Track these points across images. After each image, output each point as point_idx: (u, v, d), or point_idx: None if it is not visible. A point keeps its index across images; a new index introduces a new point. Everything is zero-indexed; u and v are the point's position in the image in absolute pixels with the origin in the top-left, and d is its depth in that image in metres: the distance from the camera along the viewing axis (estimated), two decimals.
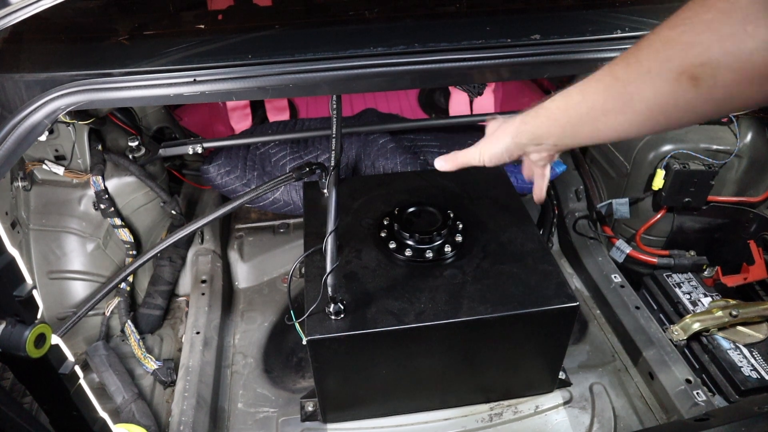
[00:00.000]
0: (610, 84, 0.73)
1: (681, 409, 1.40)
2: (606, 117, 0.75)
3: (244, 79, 1.22)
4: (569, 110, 0.80)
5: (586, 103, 0.77)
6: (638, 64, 0.69)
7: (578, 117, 0.79)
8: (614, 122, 0.75)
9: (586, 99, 0.77)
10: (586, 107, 0.77)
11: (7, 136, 1.14)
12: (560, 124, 0.82)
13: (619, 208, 1.91)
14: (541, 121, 0.86)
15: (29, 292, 0.79)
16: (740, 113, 1.71)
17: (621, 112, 0.73)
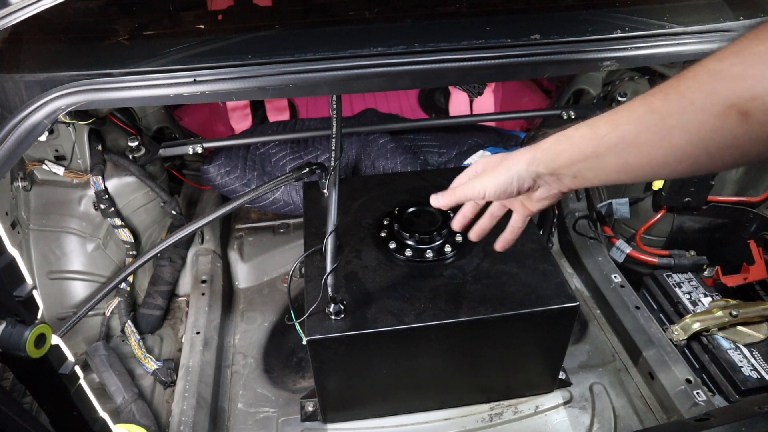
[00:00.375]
0: (645, 115, 0.67)
1: (681, 409, 1.40)
2: (638, 149, 0.68)
3: (244, 79, 1.23)
4: (596, 140, 0.73)
5: (617, 133, 0.70)
6: (679, 96, 0.63)
7: (606, 147, 0.71)
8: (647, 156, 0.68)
9: (617, 129, 0.70)
10: (616, 137, 0.70)
11: (7, 136, 1.14)
12: (585, 153, 0.74)
13: (619, 208, 1.91)
14: (563, 148, 0.78)
15: (29, 292, 0.79)
16: None
17: (657, 146, 0.66)
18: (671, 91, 0.65)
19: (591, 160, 0.74)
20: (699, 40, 1.36)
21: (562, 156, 0.78)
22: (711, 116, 0.60)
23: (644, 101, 0.68)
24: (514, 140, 2.21)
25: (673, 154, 0.66)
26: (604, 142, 0.71)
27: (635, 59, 1.37)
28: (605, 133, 0.71)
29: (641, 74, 2.00)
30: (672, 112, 0.64)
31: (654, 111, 0.66)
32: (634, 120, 0.68)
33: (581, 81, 2.16)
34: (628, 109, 0.70)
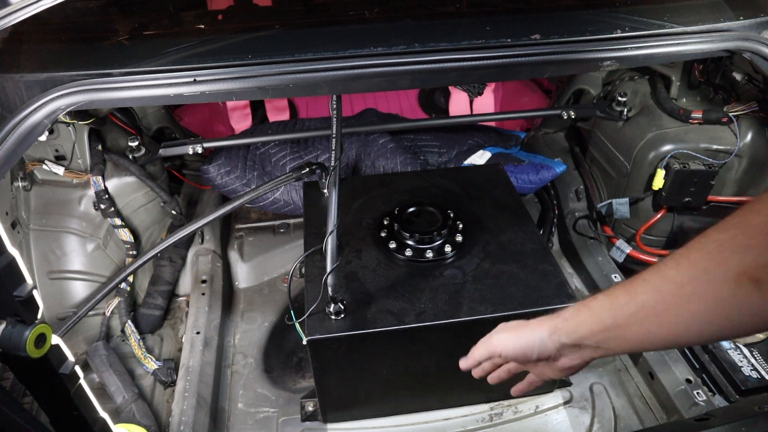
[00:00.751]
0: (660, 284, 0.69)
1: (681, 408, 1.40)
2: (659, 318, 0.69)
3: (244, 79, 1.23)
4: (614, 309, 0.73)
5: (635, 302, 0.71)
6: (692, 266, 0.66)
7: (626, 317, 0.72)
8: (669, 324, 0.68)
9: (635, 299, 0.71)
10: (635, 307, 0.71)
11: (7, 136, 1.14)
12: (605, 324, 0.74)
13: (620, 208, 1.91)
14: (583, 319, 0.77)
15: (29, 292, 0.79)
16: (740, 113, 1.71)
17: (676, 314, 0.67)
18: (682, 261, 0.67)
19: (612, 330, 0.74)
20: (699, 40, 1.36)
21: (583, 326, 0.77)
22: (725, 283, 0.62)
23: (658, 270, 0.70)
24: (514, 140, 2.21)
25: (693, 321, 0.67)
26: (623, 312, 0.72)
27: (635, 59, 1.37)
28: (624, 303, 0.72)
29: (641, 74, 2.00)
30: (687, 281, 0.66)
31: (669, 280, 0.68)
32: (650, 289, 0.70)
33: (581, 81, 2.16)
34: (643, 278, 0.71)
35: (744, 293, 0.61)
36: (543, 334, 0.82)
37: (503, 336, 0.88)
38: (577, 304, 0.79)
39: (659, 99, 1.86)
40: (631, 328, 0.72)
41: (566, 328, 0.79)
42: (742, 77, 1.69)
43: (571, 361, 0.82)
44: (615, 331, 0.73)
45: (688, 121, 1.79)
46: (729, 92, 1.77)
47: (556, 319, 0.81)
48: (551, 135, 2.35)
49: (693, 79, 1.86)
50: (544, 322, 0.83)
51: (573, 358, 0.81)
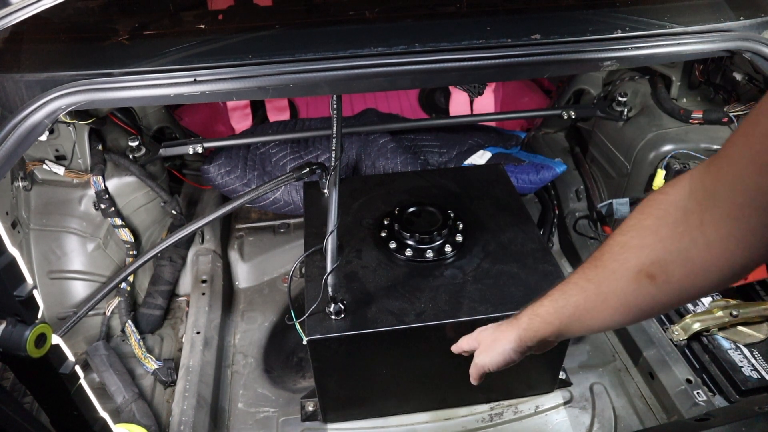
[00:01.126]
0: (585, 286, 0.79)
1: (681, 408, 1.40)
2: (590, 314, 0.80)
3: (244, 79, 1.23)
4: (558, 312, 0.85)
5: (570, 304, 0.82)
6: (604, 267, 0.76)
7: (567, 317, 0.83)
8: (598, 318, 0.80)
9: (569, 301, 0.82)
10: (572, 308, 0.82)
11: (7, 136, 1.14)
12: (554, 326, 0.86)
13: (620, 208, 1.90)
14: (538, 326, 0.89)
15: (30, 292, 0.79)
16: (740, 113, 1.71)
17: (600, 310, 0.78)
18: (597, 263, 0.77)
19: (562, 329, 0.86)
20: (699, 40, 1.36)
21: (539, 332, 0.89)
22: (629, 281, 0.72)
23: (583, 272, 0.80)
24: (514, 140, 2.21)
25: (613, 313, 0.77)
26: (564, 314, 0.83)
27: (635, 59, 1.37)
28: (562, 306, 0.84)
29: (642, 74, 2.00)
30: (602, 280, 0.77)
31: (590, 280, 0.79)
32: (578, 290, 0.81)
33: (581, 81, 2.16)
34: (573, 281, 0.82)
35: (644, 288, 0.71)
36: (512, 346, 0.94)
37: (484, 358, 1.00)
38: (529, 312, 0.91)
39: (660, 99, 1.86)
40: (574, 325, 0.84)
41: (527, 336, 0.91)
42: (742, 77, 1.69)
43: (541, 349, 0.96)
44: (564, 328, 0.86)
45: (689, 121, 1.79)
46: (729, 92, 1.77)
47: (517, 329, 0.93)
48: (551, 135, 2.35)
49: (693, 79, 1.85)
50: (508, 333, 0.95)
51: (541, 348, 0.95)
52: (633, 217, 0.74)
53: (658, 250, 0.69)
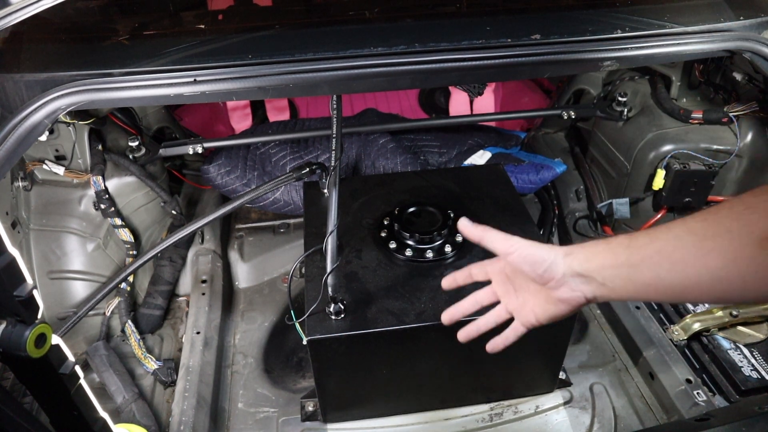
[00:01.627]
0: (683, 234, 0.70)
1: (681, 409, 1.40)
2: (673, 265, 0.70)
3: (244, 79, 1.22)
4: (632, 248, 0.74)
5: (653, 245, 0.72)
6: (717, 223, 0.67)
7: (640, 258, 0.73)
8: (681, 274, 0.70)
9: (654, 243, 0.72)
10: (652, 250, 0.72)
11: (7, 136, 1.14)
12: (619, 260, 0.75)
13: (620, 208, 1.90)
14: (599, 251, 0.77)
15: (29, 292, 0.79)
16: (740, 113, 1.71)
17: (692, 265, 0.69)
18: (709, 217, 0.68)
19: (623, 267, 0.75)
20: (699, 40, 1.36)
21: (597, 257, 0.77)
22: (748, 245, 0.64)
23: (684, 222, 0.71)
24: (514, 140, 2.21)
25: (707, 275, 0.68)
26: (639, 253, 0.73)
27: (635, 59, 1.37)
28: (642, 245, 0.73)
29: (641, 74, 2.00)
30: (710, 235, 0.67)
31: (692, 232, 0.69)
32: (672, 237, 0.71)
33: (581, 81, 2.16)
34: (667, 227, 0.72)
35: (765, 256, 0.62)
36: (559, 253, 0.81)
37: (520, 240, 0.85)
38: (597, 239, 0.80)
39: (659, 99, 1.86)
40: (642, 269, 0.73)
41: (581, 255, 0.79)
42: (742, 77, 1.69)
43: (571, 292, 0.81)
44: (626, 268, 0.74)
45: (689, 121, 1.79)
46: (729, 92, 1.77)
47: (572, 246, 0.82)
48: (551, 135, 2.35)
49: (693, 79, 1.86)
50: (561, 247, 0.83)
51: (574, 289, 0.80)
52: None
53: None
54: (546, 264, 0.81)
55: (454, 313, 0.99)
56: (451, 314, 0.99)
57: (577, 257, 0.80)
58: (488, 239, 0.89)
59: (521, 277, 0.87)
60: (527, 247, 0.84)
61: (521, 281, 0.89)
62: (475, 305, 0.97)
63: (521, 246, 0.85)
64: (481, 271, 0.94)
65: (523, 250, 0.84)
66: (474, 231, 0.91)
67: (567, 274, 0.80)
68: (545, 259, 0.82)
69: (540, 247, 0.84)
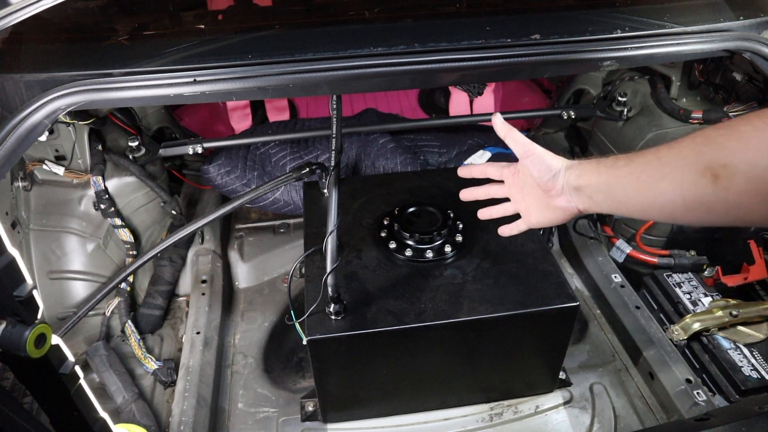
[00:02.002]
0: (651, 159, 0.79)
1: (681, 408, 1.40)
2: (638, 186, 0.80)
3: (244, 79, 1.22)
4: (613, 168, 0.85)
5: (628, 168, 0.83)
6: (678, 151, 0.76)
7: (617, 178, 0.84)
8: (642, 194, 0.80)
9: (629, 165, 0.83)
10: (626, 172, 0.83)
11: (7, 136, 1.14)
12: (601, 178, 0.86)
13: None
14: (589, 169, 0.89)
15: (29, 292, 0.79)
16: (740, 113, 1.71)
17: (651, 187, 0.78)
18: (675, 145, 0.77)
19: (604, 185, 0.86)
20: (699, 40, 1.36)
21: (587, 174, 0.89)
22: (692, 172, 0.72)
23: (656, 149, 0.80)
24: None
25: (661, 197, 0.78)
26: (617, 173, 0.84)
27: (635, 59, 1.37)
28: (621, 166, 0.84)
29: (641, 74, 2.00)
30: (670, 162, 0.77)
31: (659, 158, 0.78)
32: (643, 161, 0.81)
33: (581, 81, 2.16)
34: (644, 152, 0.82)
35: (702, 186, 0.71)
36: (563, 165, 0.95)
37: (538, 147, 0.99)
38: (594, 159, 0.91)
39: (659, 99, 1.86)
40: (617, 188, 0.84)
41: (577, 170, 0.92)
42: (742, 77, 1.69)
43: (567, 202, 0.95)
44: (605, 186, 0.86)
45: (689, 121, 1.79)
46: (729, 92, 1.77)
47: (573, 162, 0.94)
48: (551, 135, 2.35)
49: (693, 79, 1.86)
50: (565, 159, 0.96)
51: (569, 200, 0.95)
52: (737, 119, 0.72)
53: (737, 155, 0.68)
54: (552, 172, 0.95)
55: (468, 194, 1.23)
56: (466, 194, 1.23)
57: (574, 171, 0.93)
58: (513, 137, 1.03)
59: (529, 183, 1.04)
60: (543, 154, 0.98)
61: (528, 187, 1.06)
62: (488, 195, 1.20)
63: (538, 151, 0.99)
64: (497, 170, 1.14)
65: (538, 155, 0.98)
66: (502, 127, 1.05)
67: (565, 185, 0.94)
68: (553, 167, 0.96)
69: (552, 157, 0.97)
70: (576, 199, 0.94)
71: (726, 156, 0.69)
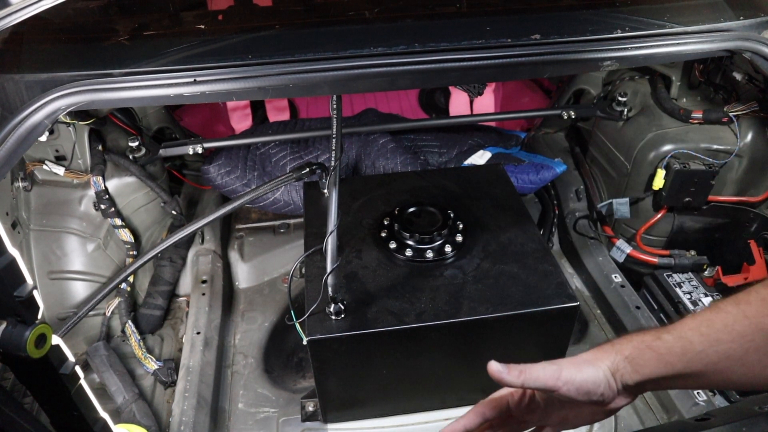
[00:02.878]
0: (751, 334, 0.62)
1: (681, 408, 1.40)
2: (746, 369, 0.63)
3: (244, 79, 1.22)
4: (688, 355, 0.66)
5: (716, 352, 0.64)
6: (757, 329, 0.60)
7: (703, 366, 0.65)
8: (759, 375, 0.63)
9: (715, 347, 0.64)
10: (716, 357, 0.64)
11: (7, 136, 1.14)
12: (675, 369, 0.67)
13: (620, 207, 1.91)
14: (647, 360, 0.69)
15: (30, 292, 0.79)
16: (740, 113, 1.71)
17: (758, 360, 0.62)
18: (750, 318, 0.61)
19: (684, 376, 0.67)
20: (699, 40, 1.36)
21: (647, 368, 0.69)
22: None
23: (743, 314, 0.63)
24: (514, 140, 2.21)
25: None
26: (700, 359, 0.65)
27: (635, 59, 1.37)
28: (701, 350, 0.65)
29: (641, 74, 2.00)
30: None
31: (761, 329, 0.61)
32: (737, 336, 0.63)
33: (581, 81, 2.16)
34: (724, 321, 0.64)
35: None
36: (606, 370, 0.72)
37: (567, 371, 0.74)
38: (637, 339, 0.71)
39: (659, 99, 1.86)
40: (708, 376, 0.66)
41: (628, 369, 0.71)
42: (742, 77, 1.69)
43: (625, 399, 0.74)
44: (688, 377, 0.67)
45: (689, 121, 1.79)
46: (729, 92, 1.77)
47: (614, 355, 0.73)
48: (551, 135, 2.35)
49: (693, 79, 1.86)
50: (602, 359, 0.74)
51: (629, 397, 0.74)
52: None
53: None
54: (599, 390, 0.73)
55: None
56: None
57: (625, 372, 0.72)
58: (531, 379, 0.75)
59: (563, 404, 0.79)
60: (576, 375, 0.73)
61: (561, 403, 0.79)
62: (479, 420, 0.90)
63: (570, 377, 0.73)
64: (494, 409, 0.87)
65: (573, 382, 0.73)
66: (511, 376, 0.77)
67: (620, 390, 0.73)
68: (598, 385, 0.73)
69: (588, 370, 0.73)
70: (637, 393, 0.74)
71: None
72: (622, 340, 0.72)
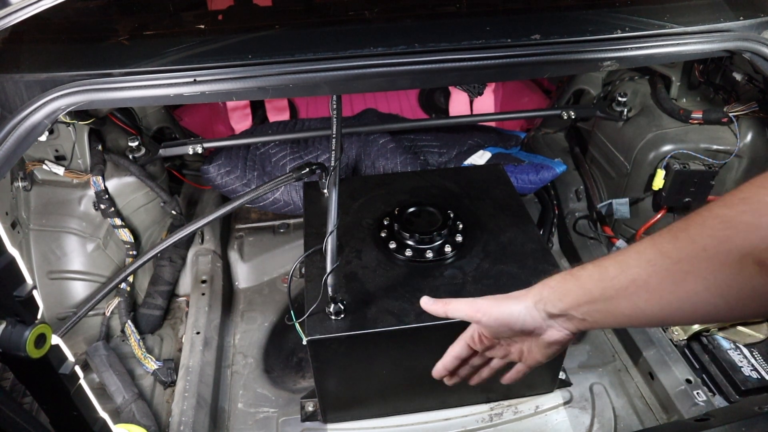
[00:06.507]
0: (655, 258, 0.65)
1: (681, 409, 1.40)
2: (650, 294, 0.65)
3: (244, 79, 1.22)
4: (604, 281, 0.69)
5: (626, 276, 0.67)
6: (690, 241, 0.61)
7: (615, 291, 0.68)
8: (660, 301, 0.65)
9: (626, 272, 0.67)
10: (626, 281, 0.67)
11: (7, 136, 1.14)
12: (593, 295, 0.71)
13: (620, 208, 1.91)
14: (569, 288, 0.74)
15: (29, 292, 0.79)
16: (740, 113, 1.71)
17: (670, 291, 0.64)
18: (681, 235, 0.63)
19: (599, 302, 0.71)
20: (699, 40, 1.36)
21: (569, 296, 0.74)
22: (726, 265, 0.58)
23: (653, 243, 0.66)
24: (514, 140, 2.21)
25: (688, 300, 0.63)
26: (613, 285, 0.69)
27: (635, 59, 1.37)
28: (614, 276, 0.69)
29: (641, 74, 2.00)
30: (684, 257, 0.62)
31: (665, 254, 0.64)
32: (644, 263, 0.66)
33: (581, 81, 2.16)
34: (637, 250, 0.67)
35: (747, 276, 0.57)
36: (528, 303, 0.79)
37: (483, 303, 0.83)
38: (563, 273, 0.76)
39: (659, 99, 1.86)
40: (619, 302, 0.69)
41: (552, 297, 0.76)
42: (742, 77, 1.69)
43: (558, 332, 0.79)
44: (602, 303, 0.70)
45: (688, 122, 1.79)
46: (729, 92, 1.77)
47: (541, 288, 0.79)
48: (551, 135, 2.35)
49: (693, 79, 1.86)
50: (528, 292, 0.81)
51: (559, 329, 0.79)
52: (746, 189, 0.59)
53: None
54: (519, 320, 0.80)
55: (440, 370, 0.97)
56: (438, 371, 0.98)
57: (549, 300, 0.77)
58: (452, 311, 0.87)
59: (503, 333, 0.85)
60: (493, 309, 0.82)
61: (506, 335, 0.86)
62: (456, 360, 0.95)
63: (487, 309, 0.82)
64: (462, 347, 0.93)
65: (491, 314, 0.82)
66: (435, 307, 0.91)
67: (545, 318, 0.79)
68: (516, 315, 0.80)
69: (506, 303, 0.81)
70: (567, 325, 0.78)
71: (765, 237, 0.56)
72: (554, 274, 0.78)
